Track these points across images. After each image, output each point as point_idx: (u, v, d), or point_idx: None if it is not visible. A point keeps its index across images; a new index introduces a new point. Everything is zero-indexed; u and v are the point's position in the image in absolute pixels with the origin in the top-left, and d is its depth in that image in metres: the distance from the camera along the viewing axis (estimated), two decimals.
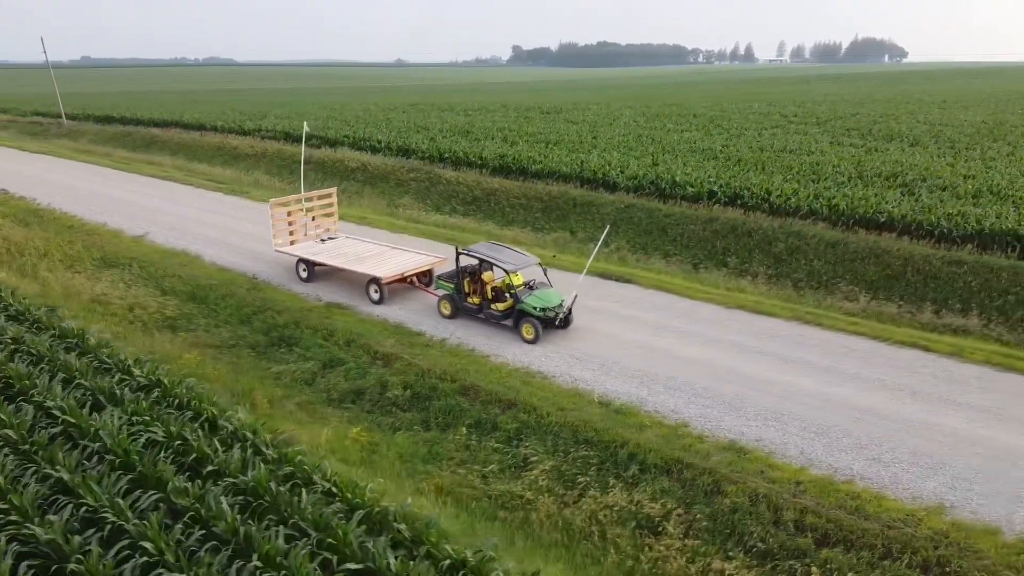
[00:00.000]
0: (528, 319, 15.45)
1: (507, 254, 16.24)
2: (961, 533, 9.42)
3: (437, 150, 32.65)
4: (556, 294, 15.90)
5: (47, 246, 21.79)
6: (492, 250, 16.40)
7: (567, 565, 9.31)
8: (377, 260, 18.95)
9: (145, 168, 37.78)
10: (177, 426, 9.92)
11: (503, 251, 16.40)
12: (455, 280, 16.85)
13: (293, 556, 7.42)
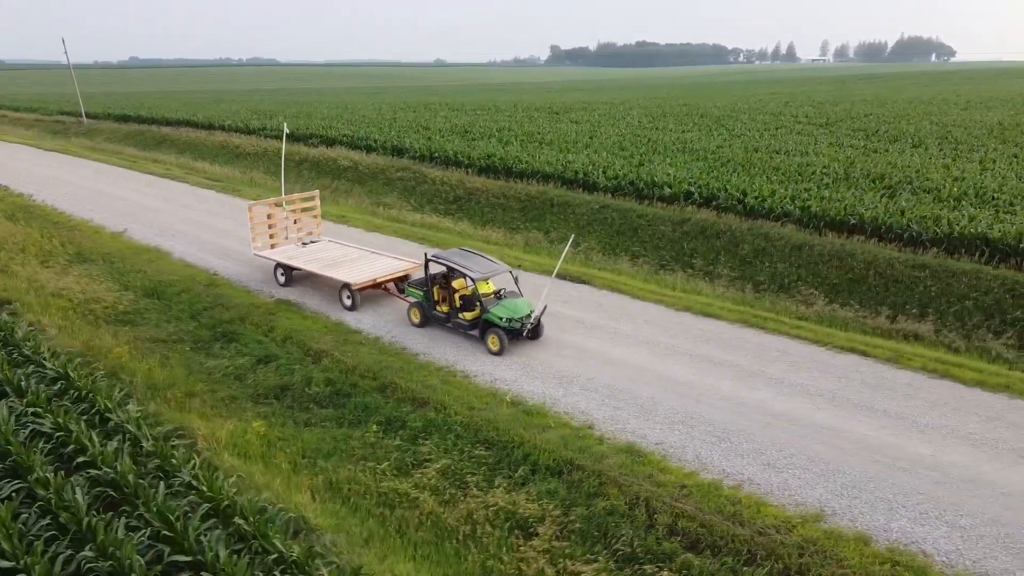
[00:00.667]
0: (493, 330, 14.86)
1: (477, 261, 15.74)
2: (831, 541, 9.26)
3: (428, 149, 32.82)
4: (526, 304, 15.18)
5: (26, 241, 22.41)
6: (462, 257, 15.90)
7: (431, 563, 9.34)
8: (352, 265, 18.55)
9: (149, 166, 38.63)
10: (65, 418, 10.17)
11: (473, 258, 15.88)
12: (424, 287, 16.33)
13: (126, 545, 7.58)
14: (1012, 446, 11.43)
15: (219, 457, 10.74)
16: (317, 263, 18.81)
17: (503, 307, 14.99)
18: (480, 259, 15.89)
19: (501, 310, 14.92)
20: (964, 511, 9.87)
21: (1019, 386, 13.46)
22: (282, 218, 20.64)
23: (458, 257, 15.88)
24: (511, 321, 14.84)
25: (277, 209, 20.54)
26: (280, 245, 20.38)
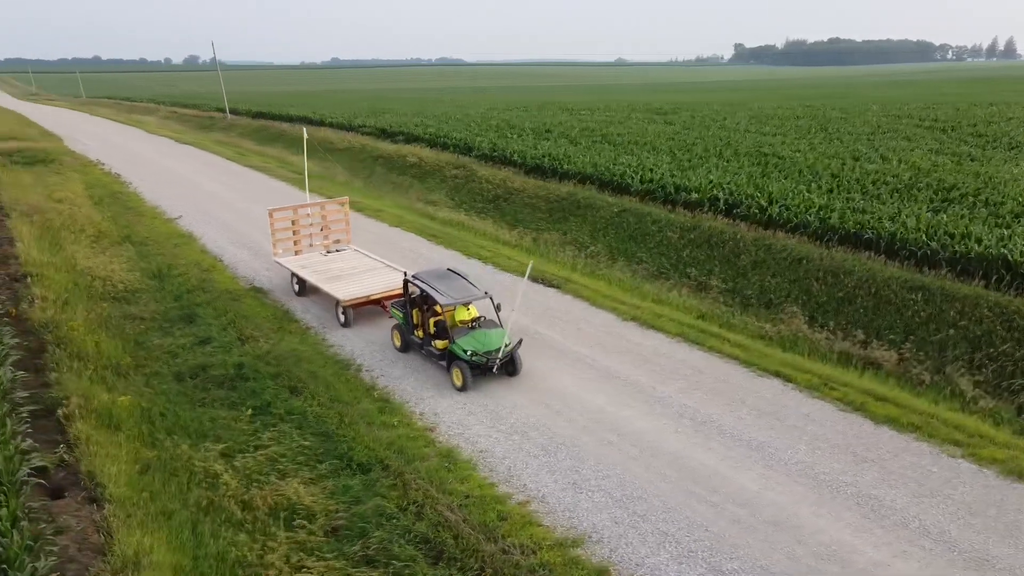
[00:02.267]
0: (457, 363, 13.39)
1: (454, 284, 14.27)
2: (565, 569, 8.81)
3: (492, 148, 33.24)
4: (499, 336, 13.56)
5: (89, 222, 25.15)
6: (440, 279, 14.48)
7: (180, 542, 9.63)
8: (355, 279, 17.51)
9: (253, 159, 41.81)
10: None
11: (452, 281, 14.44)
12: (405, 309, 15.13)
13: None
14: (857, 491, 10.24)
15: (72, 424, 11.74)
16: (322, 274, 18.02)
17: (471, 338, 13.52)
18: (460, 282, 14.45)
19: (467, 341, 13.43)
20: (739, 555, 9.03)
21: (934, 428, 11.93)
22: (306, 224, 20.02)
23: (435, 278, 14.50)
24: (476, 354, 13.25)
25: (300, 214, 19.98)
26: (303, 252, 19.84)
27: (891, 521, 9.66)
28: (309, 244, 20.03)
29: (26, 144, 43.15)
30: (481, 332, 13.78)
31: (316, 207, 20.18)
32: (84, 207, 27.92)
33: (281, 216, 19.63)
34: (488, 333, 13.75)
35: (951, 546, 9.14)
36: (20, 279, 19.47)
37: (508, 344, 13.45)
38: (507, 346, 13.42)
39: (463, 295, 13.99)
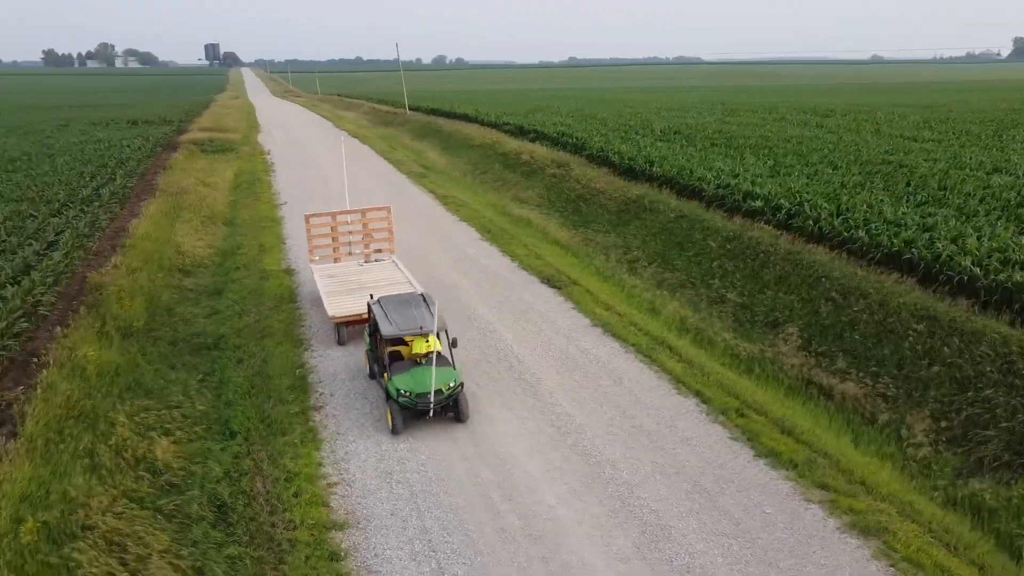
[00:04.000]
0: (389, 402, 12.03)
1: (408, 313, 12.79)
2: None
3: (599, 149, 33.10)
4: (443, 377, 11.92)
5: (211, 204, 28.62)
6: (399, 304, 13.17)
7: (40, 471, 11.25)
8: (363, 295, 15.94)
9: (398, 152, 44.64)
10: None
11: (410, 308, 13.01)
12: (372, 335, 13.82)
13: None
14: (650, 520, 9.63)
15: (42, 371, 13.90)
16: (342, 285, 17.40)
17: (408, 375, 11.99)
18: (420, 312, 12.94)
19: (402, 379, 11.91)
20: (476, 563, 8.98)
21: (815, 468, 10.78)
22: (345, 231, 19.36)
23: (396, 304, 13.15)
24: (407, 395, 11.74)
25: (340, 221, 19.33)
26: (342, 260, 19.34)
27: (658, 556, 9.04)
28: (348, 252, 19.37)
29: (219, 135, 49.23)
30: (422, 370, 12.02)
31: (357, 214, 19.39)
32: (219, 191, 31.67)
33: (319, 222, 19.19)
34: (428, 371, 11.87)
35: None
36: (119, 248, 22.79)
37: (451, 387, 11.93)
38: (449, 389, 11.90)
39: (411, 326, 12.35)
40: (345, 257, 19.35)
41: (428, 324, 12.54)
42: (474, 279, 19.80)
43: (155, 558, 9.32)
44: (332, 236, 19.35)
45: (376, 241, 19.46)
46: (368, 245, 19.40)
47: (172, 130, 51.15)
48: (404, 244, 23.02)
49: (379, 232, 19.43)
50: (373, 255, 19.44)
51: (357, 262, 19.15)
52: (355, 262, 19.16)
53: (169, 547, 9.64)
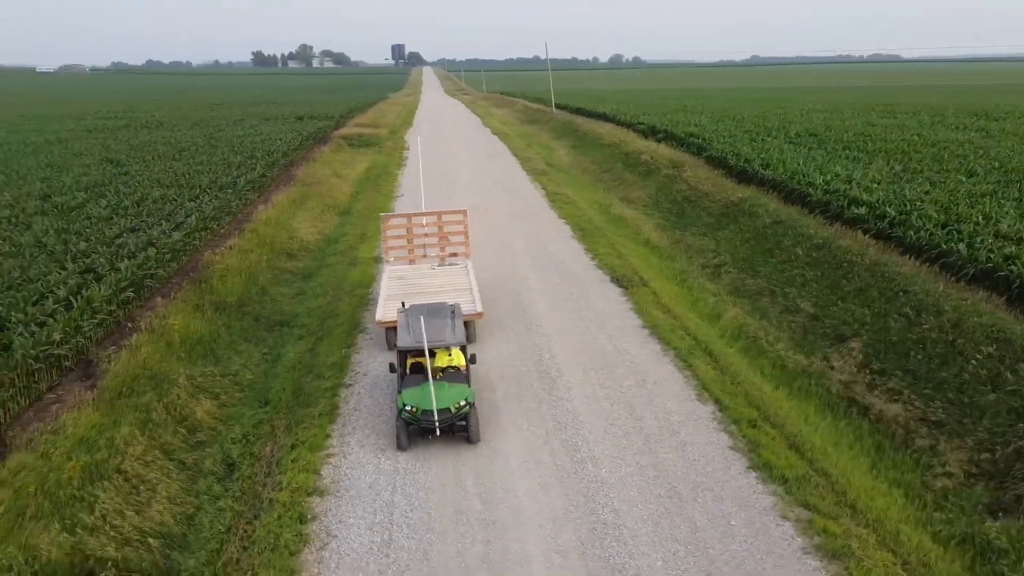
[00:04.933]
0: (398, 417, 11.60)
1: (429, 325, 11.97)
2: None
3: (721, 151, 32.25)
4: (451, 395, 11.42)
5: (335, 194, 30.73)
6: (424, 314, 12.39)
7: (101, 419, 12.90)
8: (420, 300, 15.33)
9: (532, 149, 45.40)
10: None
11: (433, 319, 12.42)
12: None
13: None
14: (610, 528, 9.67)
15: (134, 335, 15.78)
16: (400, 288, 17.13)
17: (416, 390, 11.49)
18: (442, 326, 12.43)
19: (410, 393, 11.46)
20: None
21: (804, 484, 10.35)
22: (420, 233, 19.25)
23: (420, 314, 12.35)
24: (411, 411, 11.30)
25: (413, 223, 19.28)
26: (417, 262, 19.14)
27: (597, 554, 9.07)
28: (423, 254, 19.25)
29: (370, 130, 52.29)
30: (433, 385, 11.42)
31: (433, 216, 19.31)
32: (347, 182, 33.87)
33: (396, 223, 19.31)
34: (439, 388, 11.41)
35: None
36: (240, 231, 25.10)
37: (460, 406, 11.39)
38: (458, 408, 11.38)
39: (421, 341, 11.54)
40: (420, 259, 19.16)
41: (440, 338, 12.01)
42: (545, 275, 20.10)
43: (157, 502, 10.52)
44: (407, 237, 19.21)
45: (452, 244, 19.15)
46: (443, 248, 19.17)
47: (331, 125, 54.83)
48: (494, 239, 23.75)
49: (455, 235, 19.10)
50: (448, 258, 19.13)
51: (431, 265, 18.85)
52: (429, 265, 18.88)
53: (175, 494, 10.84)
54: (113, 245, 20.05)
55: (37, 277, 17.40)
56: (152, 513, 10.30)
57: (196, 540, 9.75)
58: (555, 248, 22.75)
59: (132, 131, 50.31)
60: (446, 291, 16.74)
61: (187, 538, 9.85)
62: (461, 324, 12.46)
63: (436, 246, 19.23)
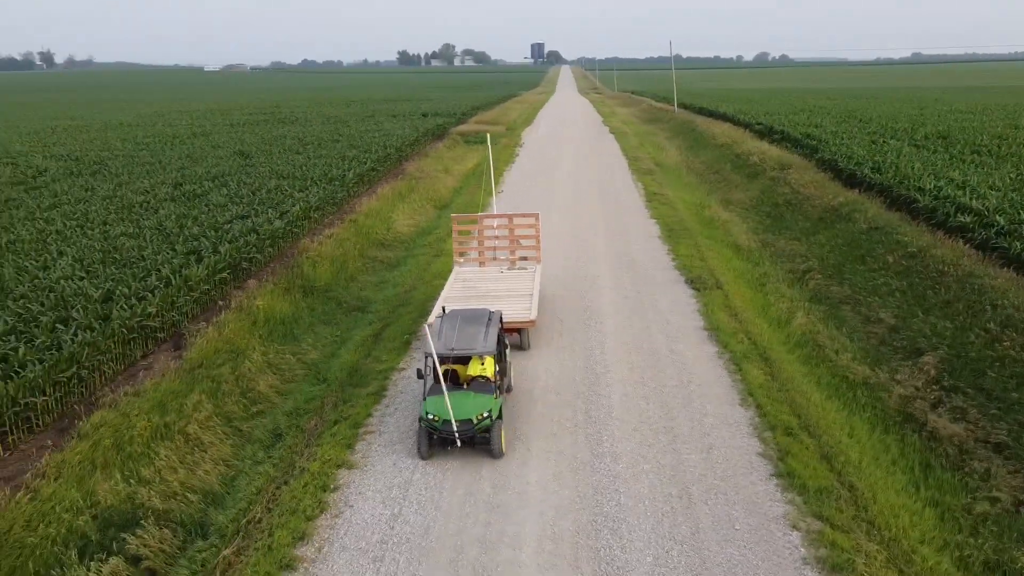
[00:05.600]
0: (420, 424, 11.36)
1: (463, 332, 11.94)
2: None
3: (832, 154, 30.97)
4: (473, 406, 11.04)
5: (438, 189, 31.82)
6: (460, 320, 12.32)
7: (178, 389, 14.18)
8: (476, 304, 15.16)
9: (644, 149, 44.98)
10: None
11: (468, 327, 12.10)
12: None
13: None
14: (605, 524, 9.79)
15: (223, 312, 17.18)
16: (462, 291, 16.91)
17: (439, 398, 10.98)
18: (477, 331, 12.03)
19: (433, 401, 11.09)
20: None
21: (829, 498, 10.07)
22: (490, 236, 19.03)
23: (456, 320, 12.33)
24: (433, 420, 11.02)
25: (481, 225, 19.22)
26: (487, 264, 18.83)
27: (589, 544, 9.22)
28: (493, 257, 18.97)
29: (489, 127, 53.33)
30: (458, 395, 11.18)
31: (504, 219, 19.13)
32: (453, 177, 34.93)
33: (466, 225, 19.33)
34: (451, 397, 10.95)
35: None
36: (341, 221, 26.55)
37: (482, 418, 11.00)
38: (480, 419, 10.99)
39: (455, 347, 11.65)
40: (490, 262, 18.85)
41: (470, 346, 11.70)
42: (620, 274, 20.12)
43: (207, 463, 11.54)
44: (478, 239, 19.11)
45: (522, 248, 18.73)
46: (513, 252, 18.75)
47: (452, 121, 56.48)
48: (578, 235, 23.99)
49: (526, 239, 18.73)
50: (518, 262, 18.64)
51: (500, 269, 18.40)
52: (498, 268, 18.44)
53: (225, 457, 11.84)
54: (220, 230, 21.72)
55: (149, 257, 19.15)
56: (200, 472, 11.31)
57: (231, 499, 10.63)
58: (637, 247, 22.67)
59: (269, 126, 53.76)
60: (505, 296, 16.31)
61: (225, 497, 10.75)
62: (495, 333, 11.97)
63: (506, 249, 18.88)
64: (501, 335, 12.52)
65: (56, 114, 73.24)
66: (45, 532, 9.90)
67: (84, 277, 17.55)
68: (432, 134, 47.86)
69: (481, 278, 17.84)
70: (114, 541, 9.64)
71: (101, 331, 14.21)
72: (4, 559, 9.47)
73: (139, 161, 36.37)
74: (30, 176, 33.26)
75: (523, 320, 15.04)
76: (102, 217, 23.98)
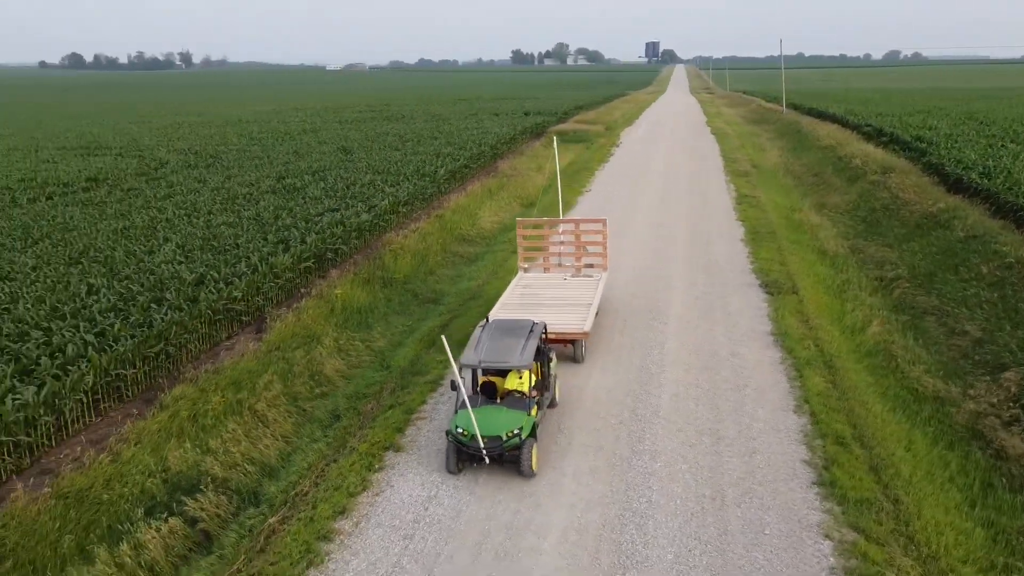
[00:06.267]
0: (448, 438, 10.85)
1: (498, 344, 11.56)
2: None
3: (939, 157, 29.45)
4: (503, 422, 10.53)
5: (525, 187, 32.23)
6: (498, 332, 11.97)
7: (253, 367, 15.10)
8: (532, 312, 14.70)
9: (743, 151, 43.91)
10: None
11: (505, 339, 11.66)
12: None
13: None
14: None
15: (303, 299, 18.11)
16: (520, 297, 16.53)
17: (464, 414, 10.58)
18: (514, 343, 11.51)
19: (460, 417, 10.64)
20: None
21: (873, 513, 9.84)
22: (556, 241, 18.59)
23: (494, 331, 11.99)
24: (461, 435, 10.58)
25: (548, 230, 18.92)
26: (552, 271, 18.37)
27: (613, 538, 9.34)
28: (558, 263, 18.44)
29: (588, 126, 53.53)
30: (488, 410, 10.81)
31: (570, 224, 18.80)
32: (543, 175, 35.11)
33: (532, 230, 18.91)
34: (481, 412, 10.66)
35: None
36: (428, 216, 27.37)
37: (512, 435, 10.43)
38: (510, 436, 10.42)
39: (488, 359, 11.30)
40: (554, 268, 18.36)
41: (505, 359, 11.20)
42: (694, 276, 19.91)
43: (269, 438, 12.31)
44: (543, 245, 18.68)
45: (588, 255, 18.14)
46: (579, 259, 18.20)
47: (552, 120, 56.81)
48: (659, 235, 23.86)
49: (592, 246, 18.09)
50: (584, 269, 18.07)
51: (564, 276, 17.88)
52: (562, 275, 17.92)
53: (285, 434, 12.60)
54: (311, 221, 22.84)
55: (242, 245, 20.39)
56: (261, 446, 12.08)
57: (285, 473, 11.32)
58: (718, 249, 22.34)
59: (375, 123, 55.68)
60: (563, 304, 15.80)
61: (280, 470, 11.45)
62: (534, 346, 11.38)
63: (572, 255, 18.31)
64: (543, 348, 12.06)
65: (185, 110, 78.23)
66: (120, 491, 10.86)
67: (182, 262, 18.90)
68: (530, 132, 48.33)
69: (543, 284, 17.39)
70: (177, 503, 10.45)
71: (189, 312, 15.31)
72: (84, 513, 10.46)
73: (250, 155, 38.50)
74: (152, 168, 35.84)
75: (575, 331, 14.39)
76: (208, 207, 25.63)
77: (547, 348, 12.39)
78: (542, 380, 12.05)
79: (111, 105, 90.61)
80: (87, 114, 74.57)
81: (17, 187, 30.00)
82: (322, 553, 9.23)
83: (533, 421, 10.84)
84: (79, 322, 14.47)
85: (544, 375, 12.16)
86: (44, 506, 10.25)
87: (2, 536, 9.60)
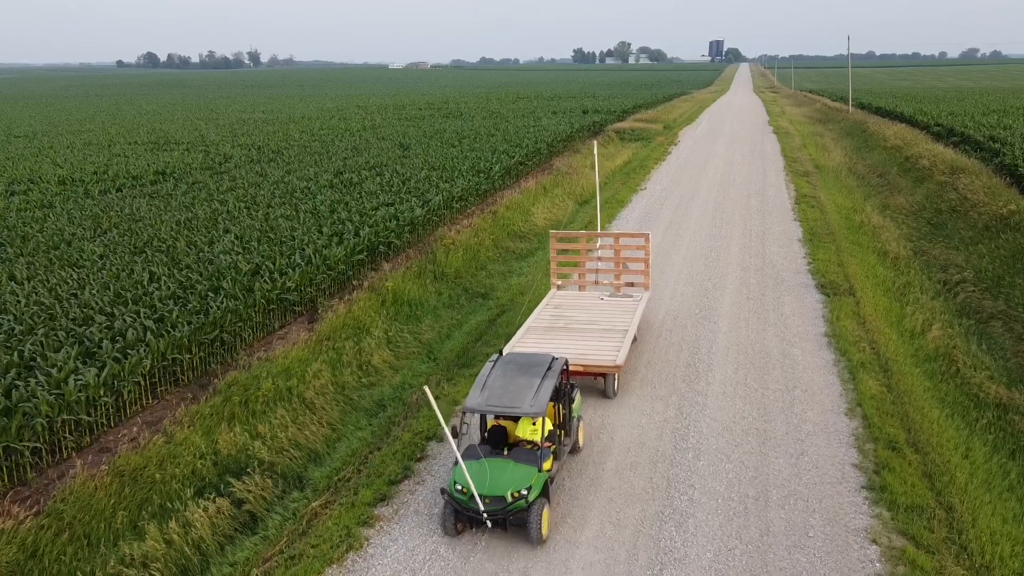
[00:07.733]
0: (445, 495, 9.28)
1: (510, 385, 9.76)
2: None
3: (1014, 157, 28.31)
4: (511, 480, 9.01)
5: (583, 184, 32.13)
6: (512, 369, 10.18)
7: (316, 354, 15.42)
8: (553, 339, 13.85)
9: (805, 151, 42.88)
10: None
11: (517, 379, 9.88)
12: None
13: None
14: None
15: (355, 292, 18.41)
16: (548, 319, 15.14)
17: (475, 465, 9.24)
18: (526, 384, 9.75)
19: (459, 471, 9.02)
20: None
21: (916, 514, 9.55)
22: (593, 256, 17.23)
23: (510, 368, 10.23)
24: (459, 494, 9.08)
25: (585, 244, 17.48)
26: (586, 289, 16.93)
27: (651, 534, 9.24)
28: (595, 281, 16.94)
29: (647, 125, 52.99)
30: (492, 464, 9.28)
31: (609, 238, 17.32)
32: (600, 174, 34.99)
33: (566, 244, 17.71)
34: (498, 468, 9.20)
35: None
36: (482, 212, 27.46)
37: (518, 496, 8.88)
38: (515, 498, 8.88)
39: (493, 404, 9.55)
40: (591, 286, 16.90)
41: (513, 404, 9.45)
42: (748, 276, 19.55)
43: (315, 424, 12.55)
44: (577, 260, 17.47)
45: (629, 273, 16.47)
46: (619, 276, 16.54)
47: (612, 119, 56.43)
48: (715, 233, 23.48)
49: (634, 263, 16.43)
50: (624, 288, 16.48)
51: (600, 294, 16.42)
52: (599, 294, 16.48)
53: (332, 421, 12.82)
54: (365, 215, 23.16)
55: (298, 237, 20.80)
56: (307, 433, 12.31)
57: (330, 459, 11.53)
58: (773, 248, 21.89)
59: (434, 120, 56.14)
60: (595, 330, 14.23)
61: (325, 456, 11.66)
62: (550, 388, 9.65)
63: (611, 272, 16.71)
64: (563, 388, 10.36)
65: (252, 107, 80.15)
66: (172, 471, 11.20)
67: (240, 252, 19.37)
68: (588, 130, 48.08)
69: (575, 305, 15.87)
70: (225, 485, 10.73)
71: (244, 301, 15.69)
72: (138, 491, 10.82)
73: (311, 151, 39.23)
74: (217, 162, 36.82)
75: (607, 364, 12.62)
76: (268, 200, 26.21)
77: (569, 387, 10.81)
78: (562, 424, 10.29)
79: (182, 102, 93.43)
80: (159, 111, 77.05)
81: (90, 179, 31.16)
82: (362, 538, 9.36)
83: (544, 478, 9.23)
84: (140, 308, 14.95)
85: (564, 418, 10.36)
86: (101, 483, 10.63)
87: (61, 510, 9.99)
